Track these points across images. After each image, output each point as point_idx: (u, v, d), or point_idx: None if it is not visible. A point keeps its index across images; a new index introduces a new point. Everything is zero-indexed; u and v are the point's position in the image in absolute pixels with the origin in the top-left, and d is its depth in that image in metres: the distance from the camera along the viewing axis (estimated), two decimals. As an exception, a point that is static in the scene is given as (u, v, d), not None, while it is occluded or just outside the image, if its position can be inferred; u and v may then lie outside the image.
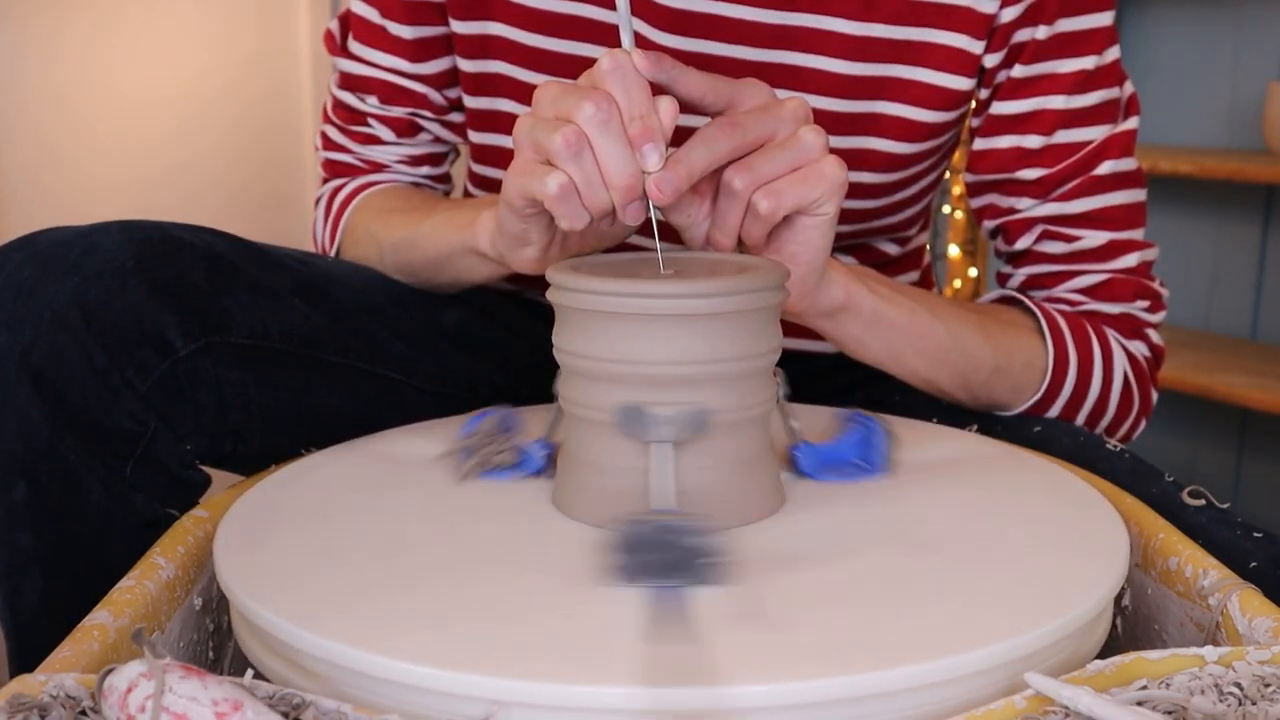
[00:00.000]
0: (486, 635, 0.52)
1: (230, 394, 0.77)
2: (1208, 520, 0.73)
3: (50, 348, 0.70)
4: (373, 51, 0.96)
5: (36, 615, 0.73)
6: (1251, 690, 0.49)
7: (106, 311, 0.71)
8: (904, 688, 0.49)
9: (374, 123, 0.98)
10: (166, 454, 0.74)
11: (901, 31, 0.86)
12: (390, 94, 0.96)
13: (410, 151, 0.99)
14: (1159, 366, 0.94)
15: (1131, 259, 0.90)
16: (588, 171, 0.63)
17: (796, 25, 0.86)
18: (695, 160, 0.65)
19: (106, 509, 0.73)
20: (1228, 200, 2.08)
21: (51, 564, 0.72)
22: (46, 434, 0.70)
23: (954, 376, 0.85)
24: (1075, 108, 0.88)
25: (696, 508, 0.62)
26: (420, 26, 0.93)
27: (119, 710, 0.45)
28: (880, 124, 0.89)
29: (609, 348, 0.62)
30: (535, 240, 0.71)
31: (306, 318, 0.82)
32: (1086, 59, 0.87)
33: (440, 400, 0.89)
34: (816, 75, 0.87)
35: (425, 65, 0.95)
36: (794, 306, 0.74)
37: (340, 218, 0.98)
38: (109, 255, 0.72)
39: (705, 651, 0.50)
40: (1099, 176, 0.88)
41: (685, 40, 0.87)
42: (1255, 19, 2.03)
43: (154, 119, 1.87)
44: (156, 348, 0.73)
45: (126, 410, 0.72)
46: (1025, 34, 0.87)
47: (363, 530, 0.64)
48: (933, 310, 0.82)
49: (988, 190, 0.93)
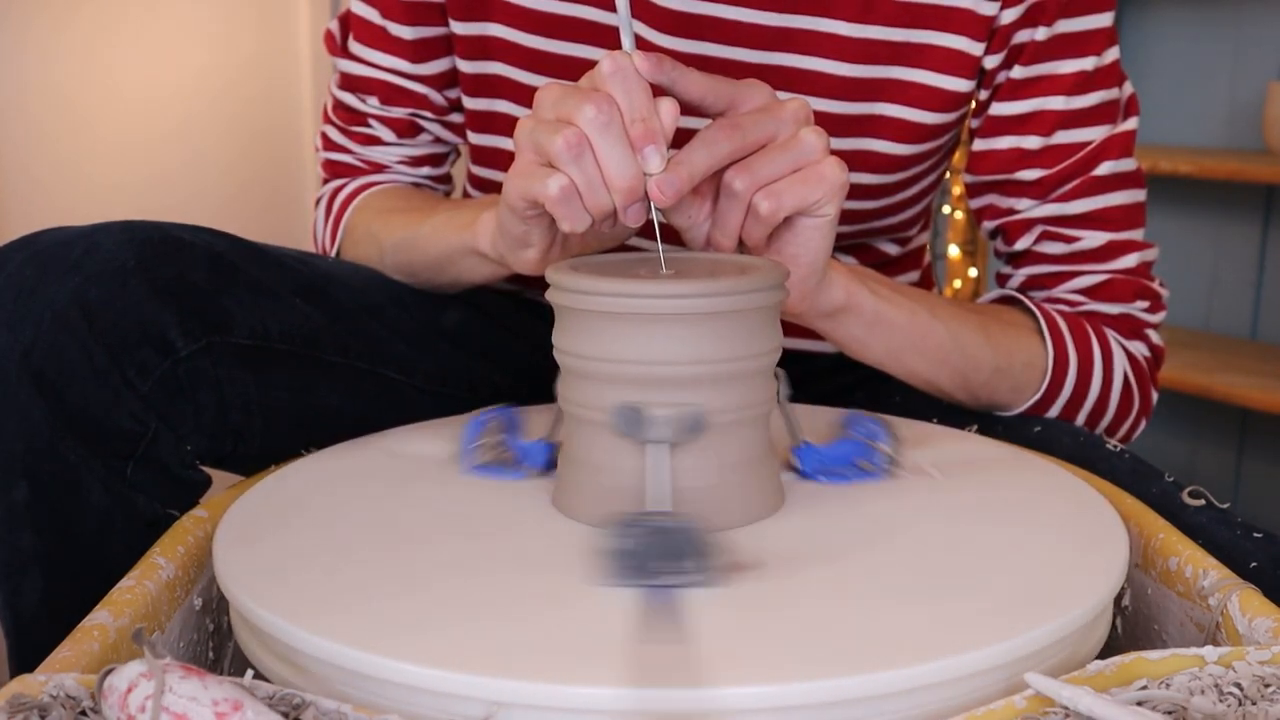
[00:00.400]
0: (486, 635, 0.52)
1: (231, 394, 0.77)
2: (1208, 520, 0.73)
3: (51, 348, 0.70)
4: (373, 52, 0.96)
5: (36, 615, 0.73)
6: (1251, 690, 0.49)
7: (107, 311, 0.71)
8: (904, 688, 0.49)
9: (374, 123, 0.98)
10: (167, 454, 0.74)
11: (901, 33, 0.86)
12: (390, 94, 0.96)
13: (411, 152, 0.99)
14: (1159, 367, 0.94)
15: (1131, 259, 0.90)
16: (589, 173, 0.63)
17: (796, 27, 0.86)
18: (696, 162, 0.65)
19: (107, 509, 0.73)
20: (1228, 200, 2.08)
21: (52, 564, 0.72)
22: (47, 434, 0.70)
23: (954, 377, 0.85)
24: (1075, 108, 0.88)
25: (695, 508, 0.62)
26: (420, 27, 0.93)
27: (119, 710, 0.45)
28: (880, 125, 0.89)
29: (607, 348, 0.62)
30: (536, 242, 0.71)
31: (307, 318, 0.82)
32: (1086, 60, 0.87)
33: (440, 400, 0.89)
34: (816, 77, 0.87)
35: (425, 66, 0.95)
36: (794, 307, 0.74)
37: (341, 218, 0.98)
38: (110, 255, 0.72)
39: (693, 652, 0.50)
40: (1098, 177, 0.88)
41: (684, 42, 0.87)
42: (1255, 19, 2.03)
43: (154, 119, 1.87)
44: (157, 348, 0.73)
45: (127, 410, 0.72)
46: (1025, 35, 0.87)
47: (363, 530, 0.64)
48: (933, 311, 0.82)
49: (987, 191, 0.93)
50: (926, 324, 0.81)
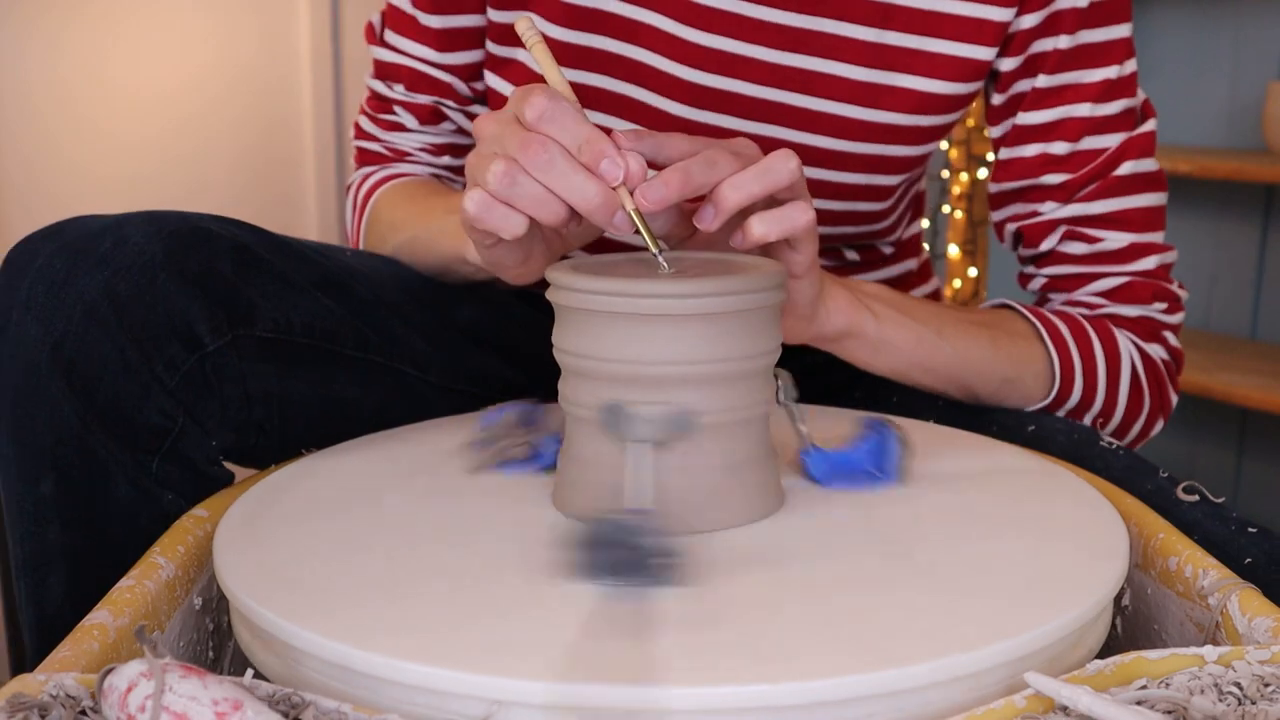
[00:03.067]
0: (486, 635, 0.52)
1: (254, 388, 0.77)
2: (1203, 516, 0.73)
3: (82, 341, 0.70)
4: (403, 40, 0.97)
5: (60, 609, 0.73)
6: (1251, 690, 0.49)
7: (137, 305, 0.71)
8: (904, 688, 0.49)
9: (399, 109, 1.00)
10: (193, 449, 0.75)
11: (916, 40, 0.87)
12: (416, 81, 0.98)
13: (433, 140, 1.01)
14: (1179, 370, 0.95)
15: (1150, 262, 0.91)
16: (528, 189, 0.62)
17: (816, 30, 0.87)
18: (693, 173, 0.64)
19: (132, 504, 0.73)
20: (1228, 200, 2.08)
21: (77, 559, 0.73)
22: (76, 427, 0.71)
23: (960, 390, 0.87)
24: (1100, 115, 0.89)
25: (693, 507, 0.62)
26: (448, 16, 0.95)
27: (119, 710, 0.45)
28: (890, 131, 0.90)
29: (601, 347, 0.62)
30: (509, 259, 0.70)
31: (327, 311, 0.82)
32: (1110, 69, 0.89)
33: (454, 396, 0.90)
34: (830, 80, 0.88)
35: (452, 55, 0.96)
36: (793, 340, 0.75)
37: (363, 211, 1.00)
38: (139, 248, 0.72)
39: (647, 649, 0.50)
40: (1120, 177, 0.90)
41: (708, 36, 0.87)
42: (1255, 19, 2.03)
43: (155, 116, 1.87)
44: (185, 343, 0.73)
45: (155, 405, 0.72)
46: (1047, 44, 0.88)
47: (363, 530, 0.64)
48: (940, 331, 0.83)
49: (1012, 200, 0.94)
50: (932, 344, 0.82)
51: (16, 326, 0.70)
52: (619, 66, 0.89)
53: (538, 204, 0.62)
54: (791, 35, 0.87)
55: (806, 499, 0.68)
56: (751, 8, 0.86)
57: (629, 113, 0.90)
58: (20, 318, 0.70)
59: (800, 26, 0.87)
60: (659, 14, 0.87)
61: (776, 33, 0.87)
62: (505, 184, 0.62)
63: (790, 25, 0.87)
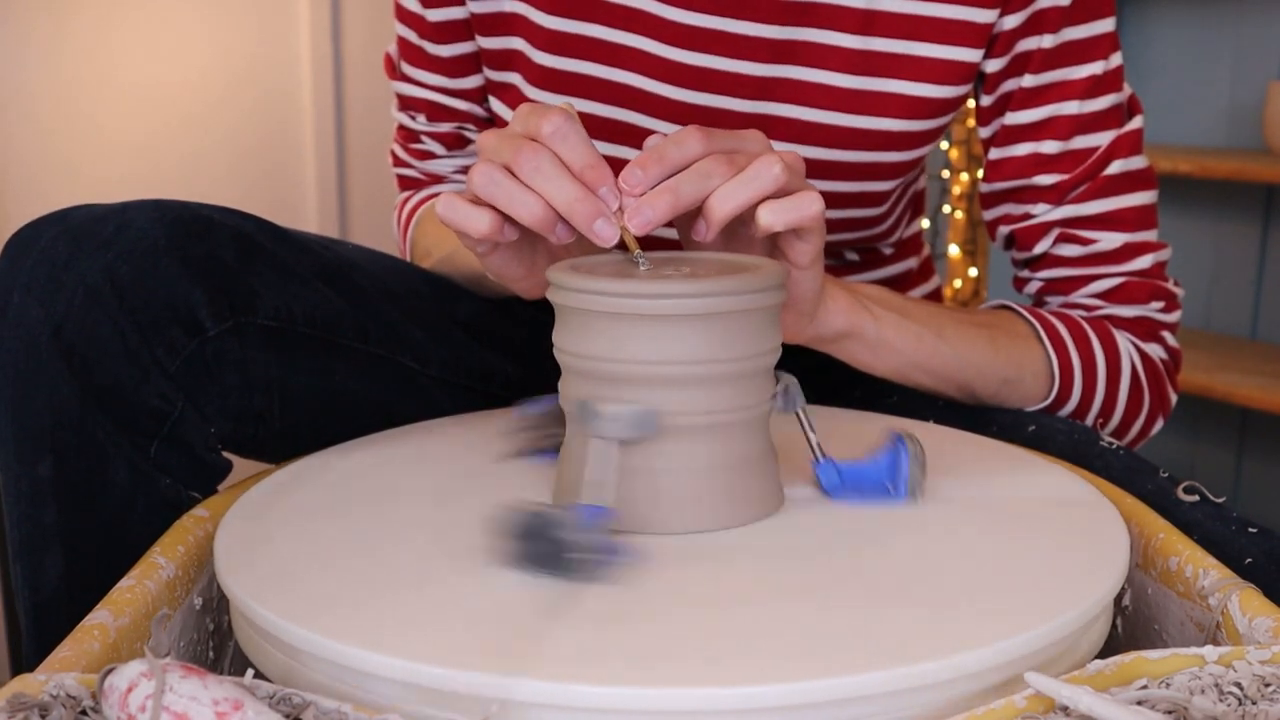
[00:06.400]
0: (486, 635, 0.52)
1: (255, 376, 0.77)
2: (1203, 516, 0.73)
3: (83, 323, 0.70)
4: (418, 71, 0.99)
5: (56, 593, 0.73)
6: (1251, 690, 0.49)
7: (138, 289, 0.71)
8: (904, 688, 0.49)
9: (426, 139, 1.02)
10: (192, 435, 0.75)
11: (901, 45, 0.87)
12: (435, 112, 1.00)
13: (463, 163, 1.03)
14: (1178, 369, 0.95)
15: (1145, 261, 0.91)
16: (500, 184, 0.63)
17: (801, 40, 0.87)
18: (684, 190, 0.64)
19: (130, 488, 0.73)
20: (1228, 200, 2.08)
21: (73, 542, 0.73)
22: (76, 409, 0.71)
23: (960, 392, 0.87)
24: (1088, 113, 0.89)
25: (691, 507, 0.62)
26: (453, 44, 0.96)
27: (119, 710, 0.45)
28: (879, 137, 0.90)
29: (600, 346, 0.62)
30: (511, 270, 0.71)
31: (328, 301, 0.82)
32: (1095, 64, 0.89)
33: (453, 390, 0.90)
34: (816, 89, 0.88)
35: (464, 80, 0.98)
36: (792, 339, 0.75)
37: (406, 232, 1.03)
38: (142, 233, 0.73)
39: (536, 643, 0.50)
40: (1111, 177, 0.90)
41: (691, 54, 0.87)
42: (1255, 19, 2.03)
43: (155, 116, 1.87)
44: (186, 327, 0.73)
45: (155, 389, 0.72)
46: (1031, 43, 0.88)
47: (363, 530, 0.64)
48: (940, 332, 0.83)
49: (1003, 200, 0.94)
50: (932, 346, 0.83)
51: (17, 307, 0.70)
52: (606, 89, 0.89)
53: (512, 200, 0.63)
54: (776, 47, 0.87)
55: (805, 498, 0.68)
56: (734, 23, 0.86)
57: (622, 101, 0.90)
58: (21, 299, 0.70)
59: (784, 38, 0.87)
60: (643, 36, 0.87)
61: (761, 46, 0.87)
62: (483, 183, 0.63)
63: (774, 38, 0.87)
